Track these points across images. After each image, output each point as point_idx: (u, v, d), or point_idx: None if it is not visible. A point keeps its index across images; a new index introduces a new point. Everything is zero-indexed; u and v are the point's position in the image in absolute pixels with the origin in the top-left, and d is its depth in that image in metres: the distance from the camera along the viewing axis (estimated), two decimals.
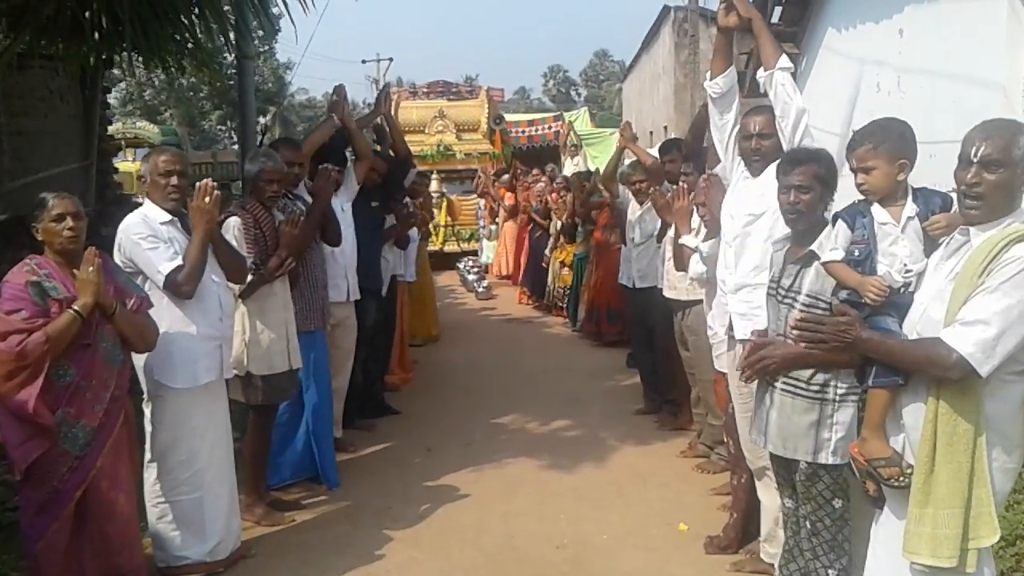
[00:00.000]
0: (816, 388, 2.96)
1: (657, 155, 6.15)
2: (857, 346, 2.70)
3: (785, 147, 3.52)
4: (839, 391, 2.95)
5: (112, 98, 41.75)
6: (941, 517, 2.45)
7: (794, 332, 2.88)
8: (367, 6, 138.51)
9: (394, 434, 6.06)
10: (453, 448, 5.74)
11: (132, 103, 40.11)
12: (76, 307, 3.17)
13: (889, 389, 2.64)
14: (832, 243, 2.90)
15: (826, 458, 2.95)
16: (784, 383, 3.03)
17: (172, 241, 3.72)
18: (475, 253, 15.83)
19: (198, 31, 6.67)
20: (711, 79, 3.89)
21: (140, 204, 4.10)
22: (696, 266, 4.44)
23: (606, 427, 6.16)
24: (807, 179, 3.02)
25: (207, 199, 3.73)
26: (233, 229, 4.33)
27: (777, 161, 3.29)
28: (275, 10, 7.01)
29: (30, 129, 8.11)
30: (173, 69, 8.29)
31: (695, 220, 4.65)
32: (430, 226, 16.24)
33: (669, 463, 5.41)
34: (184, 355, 3.71)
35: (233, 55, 8.62)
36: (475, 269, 13.71)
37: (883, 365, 2.64)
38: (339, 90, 5.48)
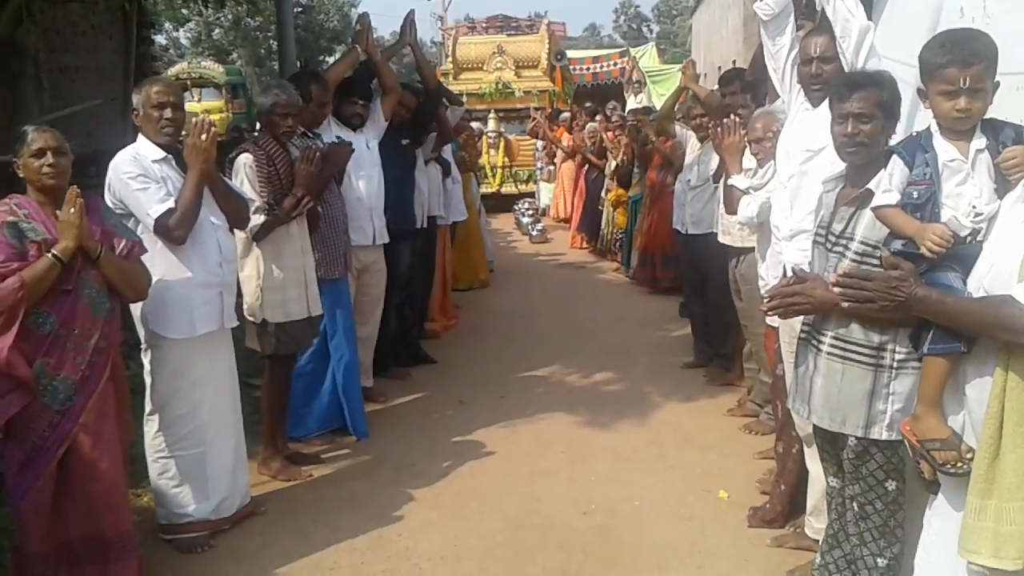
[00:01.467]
0: (871, 351, 2.54)
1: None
2: (912, 306, 2.28)
3: (851, 64, 3.07)
4: (898, 356, 2.53)
5: (184, 38, 41.94)
6: (1007, 511, 2.07)
7: (836, 289, 2.46)
8: None
9: (428, 384, 5.82)
10: (486, 401, 5.46)
11: (201, 43, 40.36)
12: (55, 251, 2.92)
13: (948, 357, 2.23)
14: (886, 183, 2.45)
15: (879, 433, 2.55)
16: (833, 344, 2.62)
17: (165, 181, 3.44)
18: (533, 195, 15.41)
19: None
20: None
21: None
22: (745, 209, 4.01)
23: (651, 381, 5.80)
24: (867, 106, 2.56)
25: (203, 136, 3.44)
26: (244, 168, 4.06)
27: None
28: None
29: (71, 65, 7.97)
30: (210, 3, 8.11)
31: (749, 159, 4.20)
32: (487, 167, 16.03)
33: (715, 422, 5.04)
34: (180, 304, 3.46)
35: None
36: (530, 211, 13.30)
37: (942, 329, 2.23)
38: (363, 19, 5.15)
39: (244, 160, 4.05)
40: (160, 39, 38.11)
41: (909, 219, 2.35)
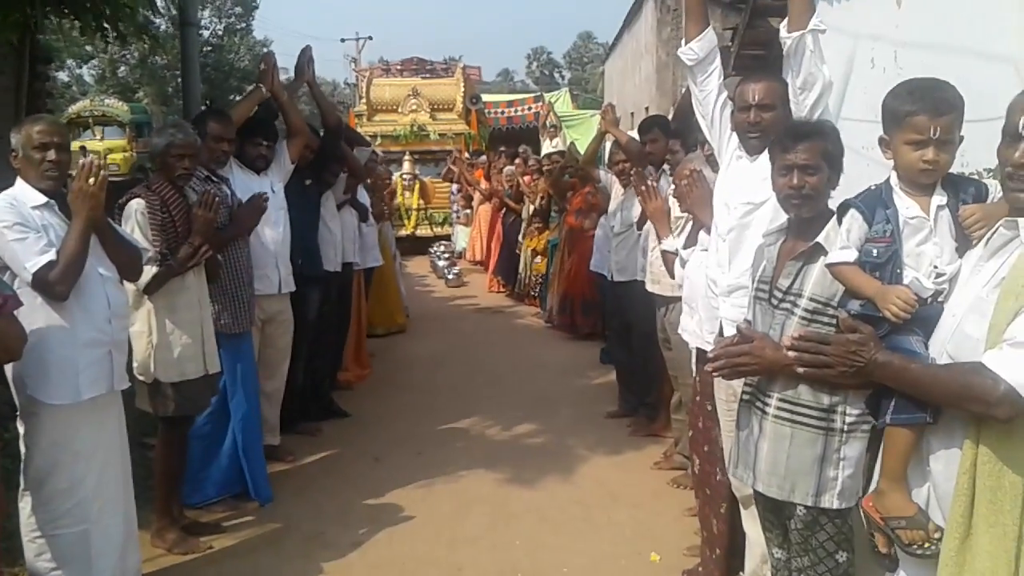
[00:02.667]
0: (820, 413, 2.38)
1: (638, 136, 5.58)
2: (872, 372, 2.14)
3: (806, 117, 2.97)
4: (848, 419, 2.37)
5: (88, 75, 40.60)
6: None
7: (791, 353, 2.31)
8: None
9: (340, 440, 5.48)
10: (403, 458, 5.16)
11: (106, 81, 39.15)
12: None
13: (913, 428, 2.08)
14: (843, 239, 2.31)
15: (831, 501, 2.38)
16: (780, 407, 2.46)
17: (47, 229, 3.08)
18: (449, 238, 15.22)
19: None
20: (685, 43, 3.33)
21: None
22: (680, 272, 3.88)
23: (575, 433, 5.60)
24: (813, 156, 2.44)
25: (91, 180, 3.10)
26: (136, 214, 3.72)
27: None
28: None
29: None
30: (111, 36, 7.67)
31: (678, 216, 4.08)
32: (402, 209, 15.78)
33: (642, 477, 4.85)
34: (62, 365, 3.08)
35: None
36: (446, 255, 13.11)
37: (905, 397, 2.08)
38: (267, 57, 4.87)
39: (135, 206, 3.72)
40: (62, 76, 36.97)
41: (868, 279, 2.21)
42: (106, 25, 7.17)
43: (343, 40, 43.09)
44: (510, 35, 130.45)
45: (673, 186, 4.10)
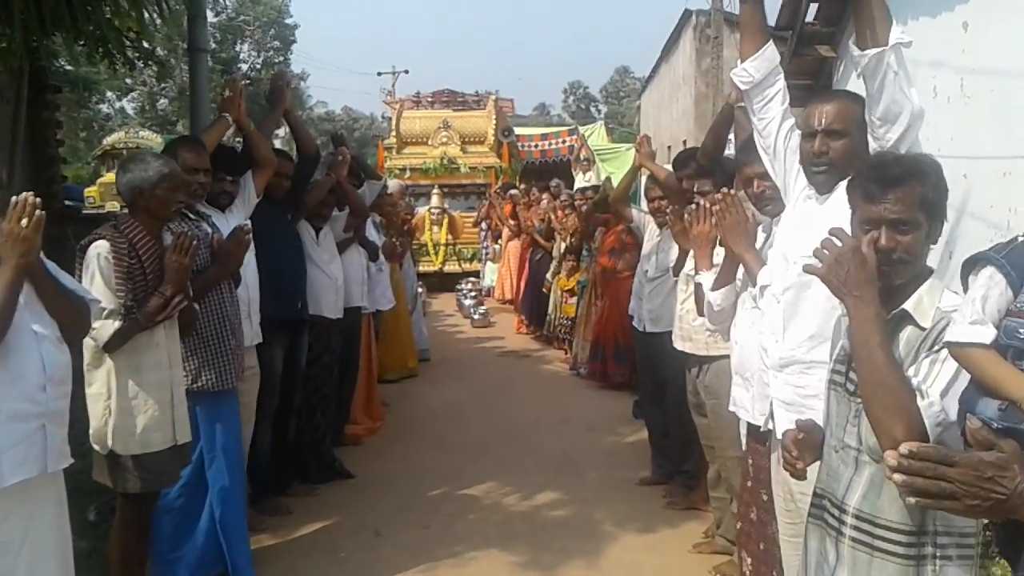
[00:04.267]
0: (907, 536, 1.81)
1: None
2: (1018, 507, 1.50)
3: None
4: (941, 541, 1.81)
5: (130, 108, 41.25)
6: None
7: (896, 477, 1.71)
8: (384, 18, 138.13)
9: (340, 507, 4.91)
10: (407, 532, 4.58)
11: (145, 113, 39.56)
12: None
13: None
14: (975, 310, 1.72)
15: None
16: (857, 526, 1.89)
17: None
18: (477, 275, 14.73)
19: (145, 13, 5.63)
20: (741, 62, 2.78)
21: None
22: (712, 313, 3.32)
23: (602, 503, 4.98)
24: (909, 209, 1.86)
25: (23, 221, 2.61)
26: (98, 258, 3.22)
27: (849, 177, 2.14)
28: (290, 20, 6.10)
29: None
30: (119, 63, 7.36)
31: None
32: (430, 244, 15.33)
33: (680, 562, 4.22)
34: None
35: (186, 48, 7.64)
36: (472, 293, 12.58)
37: None
38: (232, 83, 4.42)
39: (99, 249, 3.22)
40: (104, 108, 37.40)
41: (1014, 372, 1.62)
42: (114, 52, 6.92)
43: (379, 74, 43.24)
44: (547, 70, 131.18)
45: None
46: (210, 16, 39.99)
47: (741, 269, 3.14)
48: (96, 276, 3.21)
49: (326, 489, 5.19)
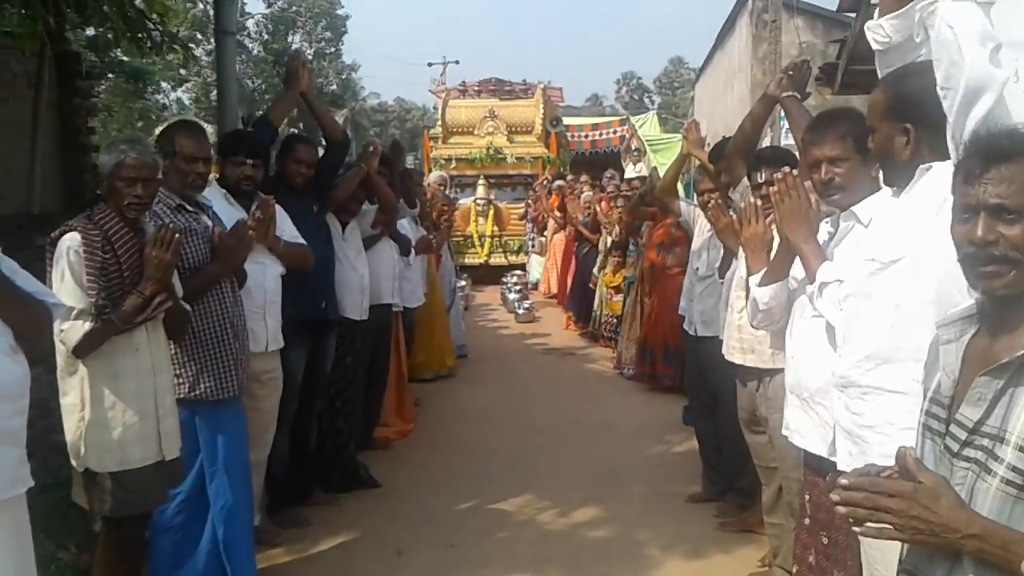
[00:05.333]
0: None
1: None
2: (939, 540, 1.32)
3: (953, 135, 1.89)
4: None
5: (186, 98, 41.97)
6: None
7: (839, 510, 1.26)
8: (437, 7, 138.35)
9: (361, 520, 4.53)
10: (432, 551, 4.17)
11: (199, 103, 39.95)
12: None
13: None
14: None
15: None
16: None
17: None
18: (523, 267, 14.30)
19: None
20: (877, 17, 2.30)
21: None
22: (753, 318, 2.86)
23: (648, 523, 4.52)
24: (1018, 191, 1.37)
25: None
26: (68, 252, 2.86)
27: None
28: (341, 11, 5.88)
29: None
30: (148, 47, 7.09)
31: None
32: (475, 236, 14.95)
33: None
34: None
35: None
36: (517, 287, 12.15)
37: None
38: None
39: (68, 242, 2.86)
40: (159, 98, 37.87)
41: None
42: (140, 35, 6.67)
43: (430, 64, 42.95)
44: (599, 60, 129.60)
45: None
46: (262, 7, 40.42)
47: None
48: (66, 273, 2.85)
49: (349, 498, 4.83)
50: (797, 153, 3.40)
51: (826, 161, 2.51)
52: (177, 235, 2.97)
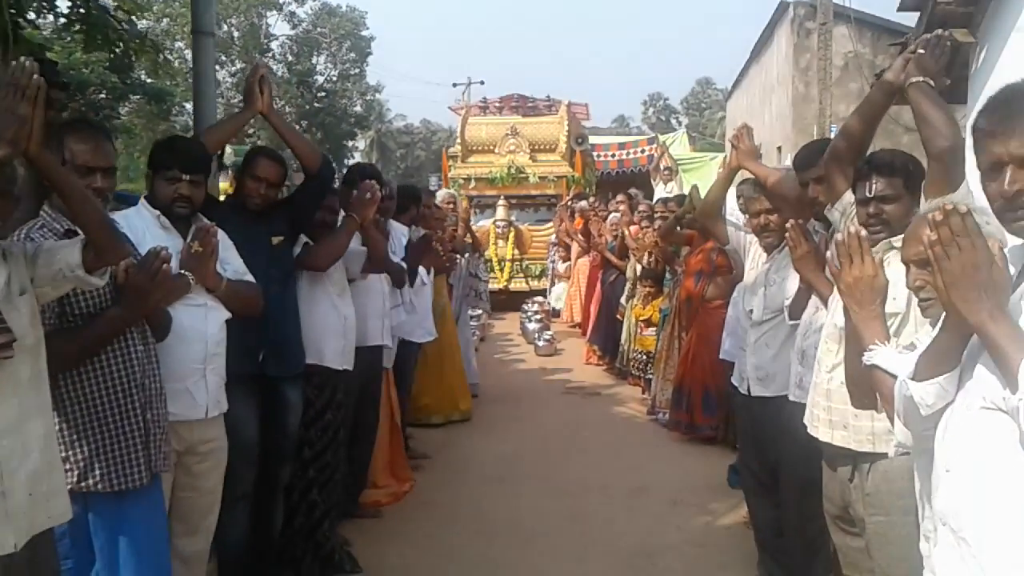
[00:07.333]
0: None
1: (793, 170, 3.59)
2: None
3: None
4: None
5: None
6: None
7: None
8: (461, 29, 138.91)
9: None
10: None
11: None
12: None
13: None
14: None
15: None
16: None
17: None
18: (545, 293, 13.42)
19: None
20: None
21: None
22: (902, 420, 1.87)
23: None
24: None
25: None
26: None
27: None
28: (366, 32, 5.21)
29: None
30: (117, 51, 6.39)
31: (897, 301, 2.14)
32: (495, 260, 14.07)
33: None
34: None
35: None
36: (537, 316, 11.25)
37: None
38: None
39: None
40: (184, 119, 37.67)
41: None
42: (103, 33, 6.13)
43: (455, 85, 42.45)
44: (626, 81, 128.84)
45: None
46: (286, 29, 40.12)
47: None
48: None
49: None
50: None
51: (1015, 163, 1.57)
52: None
